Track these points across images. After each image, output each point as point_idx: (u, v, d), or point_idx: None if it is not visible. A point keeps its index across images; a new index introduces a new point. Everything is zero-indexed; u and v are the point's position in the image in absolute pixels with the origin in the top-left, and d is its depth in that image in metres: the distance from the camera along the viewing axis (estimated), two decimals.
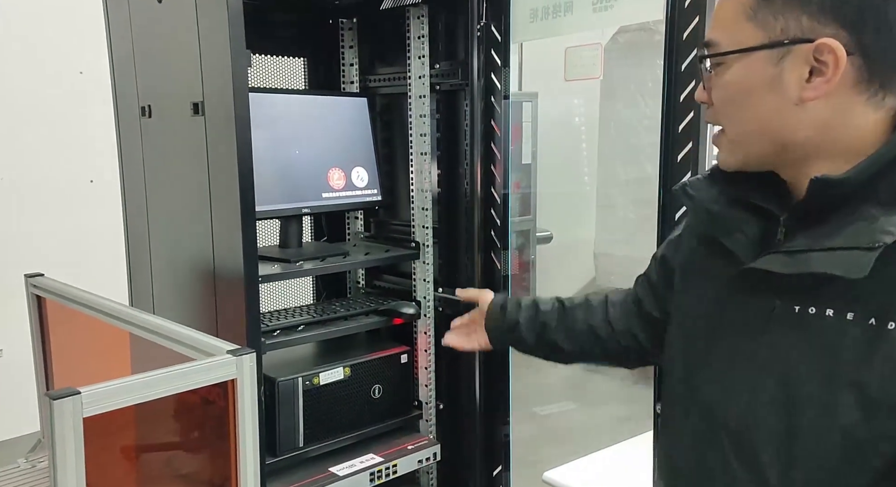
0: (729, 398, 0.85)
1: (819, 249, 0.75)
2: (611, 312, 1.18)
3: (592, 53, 1.48)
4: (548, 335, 1.23)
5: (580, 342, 1.20)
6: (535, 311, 1.25)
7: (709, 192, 0.90)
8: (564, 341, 1.22)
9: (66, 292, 1.59)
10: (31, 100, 3.12)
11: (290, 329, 1.75)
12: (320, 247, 1.98)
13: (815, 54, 0.74)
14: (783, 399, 0.79)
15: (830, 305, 0.76)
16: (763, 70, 0.77)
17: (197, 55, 1.53)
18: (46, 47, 3.13)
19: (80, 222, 3.17)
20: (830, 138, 0.77)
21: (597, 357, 1.23)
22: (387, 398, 1.89)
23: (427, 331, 1.95)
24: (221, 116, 1.49)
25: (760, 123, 0.79)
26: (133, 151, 1.84)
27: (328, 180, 1.90)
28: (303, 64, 2.10)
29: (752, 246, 0.83)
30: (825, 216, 0.77)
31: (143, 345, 1.35)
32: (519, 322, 1.26)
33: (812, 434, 0.77)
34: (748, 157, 0.83)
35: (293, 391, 1.72)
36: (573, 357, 1.26)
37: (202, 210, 1.60)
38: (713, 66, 0.82)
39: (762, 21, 0.76)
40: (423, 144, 1.89)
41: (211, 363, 1.10)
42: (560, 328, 1.22)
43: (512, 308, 1.28)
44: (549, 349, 1.25)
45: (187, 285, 1.73)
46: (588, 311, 1.20)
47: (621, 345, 1.16)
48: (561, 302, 1.24)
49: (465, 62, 1.79)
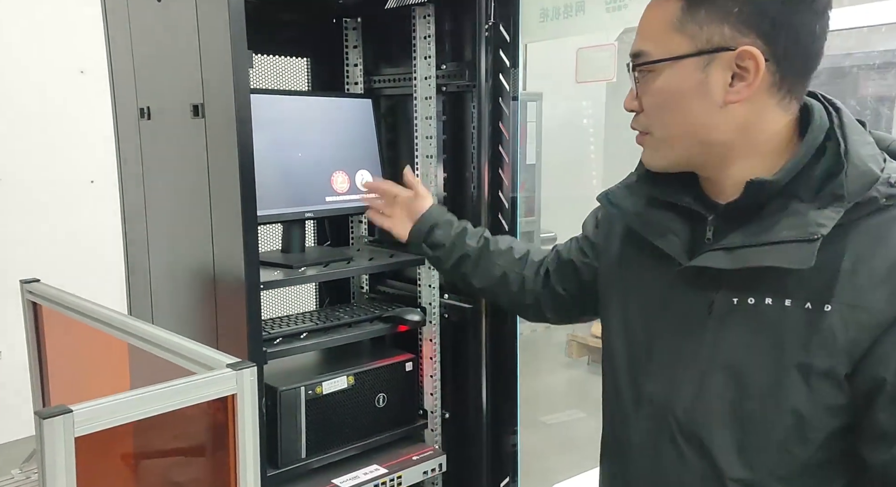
0: (676, 393, 0.90)
1: (757, 244, 0.82)
2: (527, 269, 1.29)
3: (606, 55, 1.43)
4: (463, 266, 1.35)
5: (491, 285, 1.33)
6: (462, 240, 1.36)
7: (632, 198, 0.98)
8: (476, 278, 1.34)
9: (62, 299, 1.55)
10: (31, 99, 3.09)
11: (292, 337, 1.70)
12: (324, 252, 1.93)
13: (737, 61, 0.82)
14: (732, 390, 0.84)
15: (768, 294, 0.82)
16: (691, 76, 0.84)
17: (197, 55, 1.49)
18: (47, 46, 3.10)
19: (80, 223, 3.15)
20: (748, 139, 0.85)
21: (502, 303, 1.38)
22: (391, 407, 1.84)
23: (433, 338, 1.90)
24: (222, 117, 1.45)
25: (688, 126, 0.87)
26: (132, 153, 1.80)
27: (332, 184, 1.85)
28: (305, 64, 2.06)
29: (683, 246, 0.90)
30: (753, 214, 0.85)
31: (142, 355, 1.31)
32: (443, 245, 1.38)
33: (763, 419, 0.82)
34: (675, 158, 0.90)
35: (295, 400, 1.67)
36: (480, 293, 1.46)
37: (202, 215, 1.55)
38: (643, 74, 0.88)
39: (689, 32, 0.83)
40: (428, 147, 1.84)
41: (209, 377, 1.06)
42: (478, 265, 1.34)
43: (443, 230, 1.39)
44: (460, 278, 1.38)
45: (187, 291, 1.68)
46: (508, 259, 1.33)
47: (526, 301, 1.29)
48: (486, 240, 1.36)
49: (473, 63, 1.74)
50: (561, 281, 1.23)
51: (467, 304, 1.85)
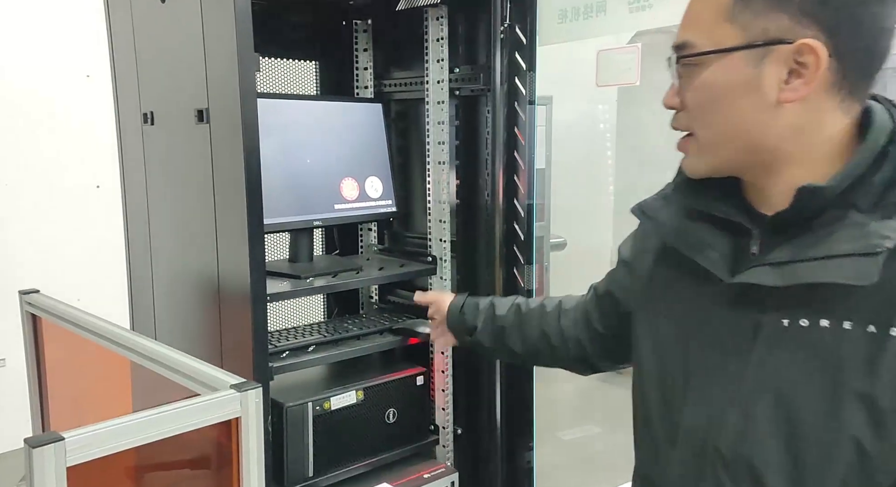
0: (719, 425, 0.81)
1: (810, 258, 0.74)
2: (562, 320, 1.20)
3: (628, 57, 1.36)
4: (504, 339, 1.28)
5: (534, 347, 1.24)
6: (491, 314, 1.30)
7: (668, 210, 0.89)
8: (519, 345, 1.26)
9: (62, 311, 1.49)
10: (37, 103, 3.05)
11: (299, 350, 1.64)
12: (332, 261, 1.87)
13: (795, 56, 0.74)
14: (782, 419, 0.76)
15: (824, 315, 0.74)
16: (742, 71, 0.76)
17: (202, 58, 1.43)
18: (53, 50, 3.06)
19: (85, 228, 3.11)
20: (802, 143, 0.77)
21: (550, 362, 1.26)
22: (402, 422, 1.78)
23: (445, 351, 1.84)
24: (227, 123, 1.39)
25: (735, 126, 0.79)
26: (134, 160, 1.75)
27: (341, 191, 1.79)
28: (314, 68, 2.00)
29: (725, 261, 0.82)
30: (803, 226, 0.77)
31: (144, 371, 1.25)
32: (476, 327, 1.32)
33: (819, 452, 0.74)
34: (718, 162, 0.82)
35: (302, 416, 1.61)
36: (528, 361, 1.37)
37: (207, 223, 1.50)
38: (687, 68, 0.80)
39: (742, 22, 0.76)
40: (440, 153, 1.78)
41: (212, 400, 0.99)
42: (515, 332, 1.26)
43: (470, 312, 1.34)
44: (505, 352, 1.31)
45: (190, 302, 1.62)
46: (542, 317, 1.23)
47: (571, 354, 1.19)
48: (518, 306, 1.28)
49: (487, 66, 1.68)
50: (600, 319, 1.12)
51: None
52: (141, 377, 1.38)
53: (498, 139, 1.68)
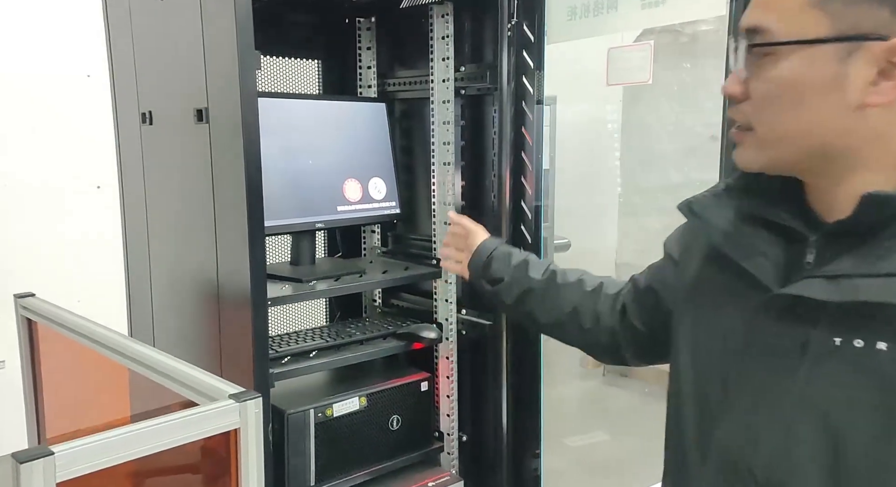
0: (755, 444, 0.75)
1: (873, 274, 0.67)
2: (600, 304, 1.12)
3: (641, 55, 1.32)
4: (528, 302, 1.20)
5: (560, 322, 1.16)
6: (523, 273, 1.21)
7: (718, 209, 0.82)
8: (543, 314, 1.18)
9: (58, 316, 1.45)
10: (36, 103, 3.01)
11: (300, 355, 1.60)
12: (335, 264, 1.83)
13: (888, 55, 0.66)
14: (826, 446, 0.70)
15: (882, 337, 0.67)
16: (824, 67, 0.68)
17: (201, 56, 1.39)
18: (52, 49, 3.02)
19: (86, 229, 3.07)
20: (881, 149, 0.70)
21: (571, 341, 1.18)
22: (405, 429, 1.74)
23: (449, 356, 1.80)
24: (227, 123, 1.36)
25: (807, 126, 0.71)
26: (133, 161, 1.71)
27: (343, 192, 1.75)
28: (316, 67, 1.96)
29: (776, 270, 0.76)
30: (867, 237, 0.70)
31: (142, 377, 1.22)
32: (502, 280, 1.23)
33: (866, 485, 0.68)
34: (779, 160, 0.75)
35: (304, 424, 1.57)
36: (546, 331, 1.24)
37: (206, 225, 1.46)
38: (757, 57, 0.72)
39: (831, 10, 0.67)
40: (446, 154, 1.74)
41: (209, 411, 0.95)
42: (543, 300, 1.18)
43: (499, 262, 1.25)
44: (522, 314, 1.23)
45: (189, 306, 1.59)
46: (578, 293, 1.15)
47: (601, 341, 1.12)
48: (553, 273, 1.19)
49: (494, 65, 1.64)
50: (639, 314, 1.05)
51: (487, 320, 1.75)
52: (139, 382, 1.34)
53: (505, 139, 1.64)
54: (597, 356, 1.17)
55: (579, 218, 4.49)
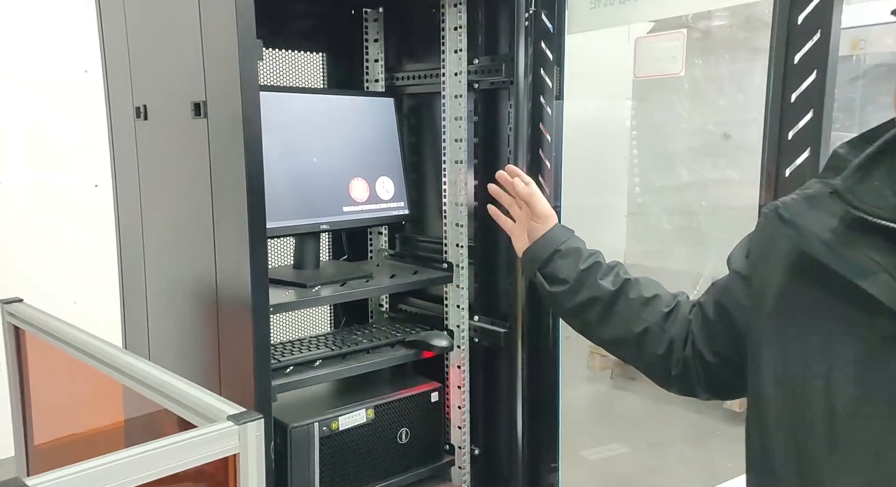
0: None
1: None
2: (676, 328, 0.99)
3: (672, 45, 1.23)
4: (591, 313, 1.06)
5: (625, 341, 1.03)
6: (592, 278, 1.06)
7: (814, 215, 0.71)
8: (607, 329, 1.05)
9: (46, 324, 1.36)
10: (32, 99, 2.93)
11: (304, 365, 1.51)
12: (340, 268, 1.74)
13: None
14: None
15: None
16: None
17: (198, 46, 1.30)
18: (49, 44, 2.94)
19: (84, 228, 2.99)
20: None
21: (635, 364, 1.05)
22: (415, 442, 1.65)
23: (461, 365, 1.70)
24: (227, 117, 1.27)
25: None
26: (127, 158, 1.62)
27: (350, 192, 1.66)
28: (321, 60, 1.87)
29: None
30: None
31: (136, 394, 1.12)
32: (567, 283, 1.08)
33: None
34: None
35: (308, 438, 1.48)
36: (604, 345, 1.09)
37: (204, 227, 1.37)
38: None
39: None
40: (458, 151, 1.65)
41: (206, 435, 0.86)
42: (610, 314, 1.04)
43: (567, 261, 1.09)
44: (581, 323, 1.09)
45: (186, 313, 1.49)
46: (653, 313, 1.01)
47: (671, 372, 0.99)
48: (625, 282, 1.05)
49: (510, 57, 1.55)
50: (709, 343, 0.93)
51: (501, 327, 1.66)
52: (133, 400, 1.25)
53: (521, 136, 1.54)
54: (663, 384, 1.03)
55: (585, 218, 4.40)
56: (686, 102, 3.77)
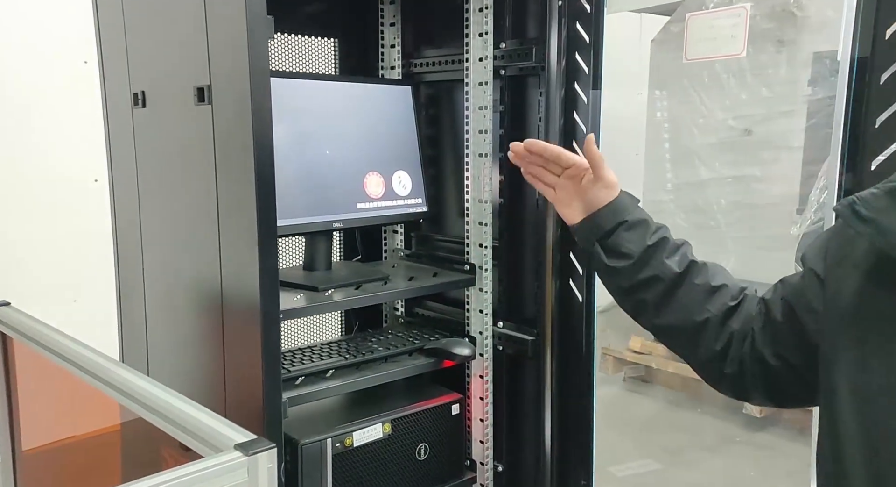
0: None
1: None
2: (738, 322, 0.90)
3: (732, 23, 1.10)
4: (650, 293, 0.96)
5: (681, 330, 0.94)
6: (657, 256, 0.96)
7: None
8: (665, 313, 0.96)
9: (36, 332, 1.24)
10: (29, 91, 2.83)
11: (315, 376, 1.38)
12: (354, 270, 1.61)
13: None
14: None
15: None
16: None
17: (202, 25, 1.18)
18: (47, 34, 2.83)
19: (83, 224, 2.88)
20: None
21: (686, 355, 0.97)
22: (434, 459, 1.52)
23: (484, 375, 1.58)
24: (234, 103, 1.15)
25: None
26: (124, 149, 1.49)
27: (364, 188, 1.53)
28: (332, 46, 1.74)
29: None
30: None
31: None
32: (630, 257, 0.98)
33: None
34: None
35: (320, 455, 1.36)
36: (656, 330, 1.00)
37: (208, 225, 1.25)
38: None
39: None
40: (482, 144, 1.52)
41: (210, 469, 0.74)
42: (672, 297, 0.95)
43: (634, 234, 0.99)
44: (636, 302, 0.99)
45: (188, 319, 1.37)
46: (719, 303, 0.92)
47: (725, 370, 0.91)
48: (691, 264, 0.96)
49: (541, 40, 1.42)
50: (772, 344, 0.85)
51: (528, 334, 1.53)
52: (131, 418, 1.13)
53: (553, 127, 1.42)
54: (714, 382, 0.95)
55: None
56: (706, 97, 3.64)
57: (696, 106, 3.69)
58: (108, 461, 1.62)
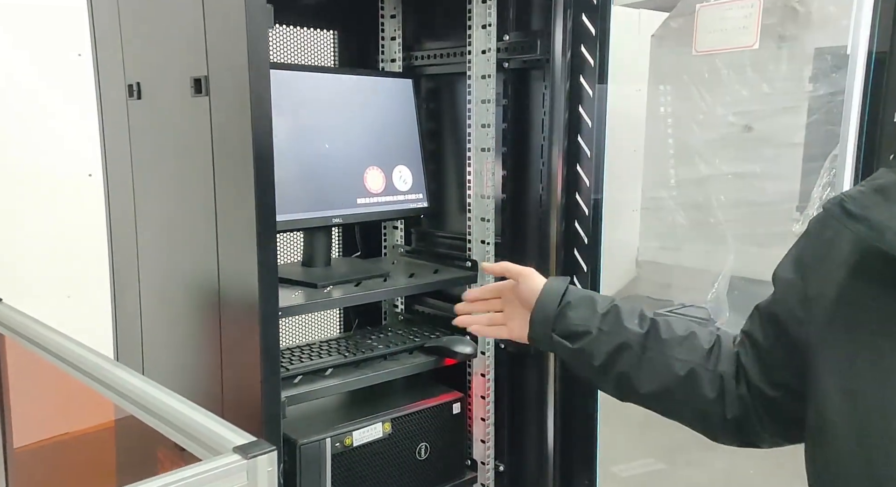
0: None
1: None
2: (724, 365, 0.86)
3: (745, 13, 1.07)
4: (623, 363, 0.91)
5: (669, 390, 0.88)
6: (615, 323, 0.93)
7: (887, 208, 0.65)
8: (646, 379, 0.90)
9: (28, 330, 1.21)
10: (21, 85, 2.78)
11: (314, 374, 1.36)
12: (353, 266, 1.58)
13: None
14: None
15: None
16: None
17: (199, 13, 1.14)
18: (38, 26, 2.78)
19: (77, 220, 2.85)
20: None
21: (684, 416, 0.91)
22: (434, 458, 1.50)
23: (486, 373, 1.55)
24: (232, 95, 1.12)
25: None
26: (118, 142, 1.46)
27: (364, 182, 1.50)
28: (332, 38, 1.71)
29: None
30: None
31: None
32: (589, 333, 0.94)
33: None
34: None
35: (319, 455, 1.33)
36: (648, 402, 0.93)
37: (205, 219, 1.22)
38: None
39: None
40: (484, 138, 1.49)
41: (208, 473, 0.71)
42: (645, 361, 0.90)
43: (580, 309, 0.96)
44: (616, 380, 0.93)
45: (184, 316, 1.34)
46: (695, 352, 0.88)
47: (727, 414, 0.85)
48: (654, 324, 0.92)
49: (546, 32, 1.39)
50: (766, 374, 0.81)
51: None
52: (125, 417, 1.10)
53: (557, 121, 1.39)
54: (718, 433, 0.89)
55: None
56: (705, 93, 3.62)
57: (696, 102, 3.67)
58: (103, 458, 1.60)
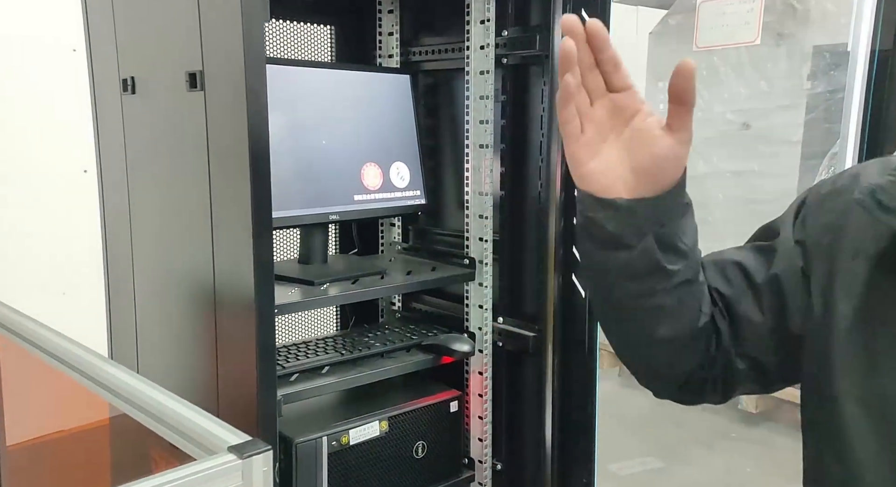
0: None
1: None
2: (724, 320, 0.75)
3: (747, 8, 1.06)
4: (671, 296, 0.70)
5: (681, 338, 0.72)
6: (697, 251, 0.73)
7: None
8: (667, 323, 0.71)
9: (21, 327, 1.20)
10: (14, 80, 2.75)
11: (311, 372, 1.35)
12: (350, 263, 1.57)
13: None
14: None
15: None
16: None
17: (194, 6, 1.13)
18: (32, 20, 2.76)
19: (72, 216, 2.83)
20: None
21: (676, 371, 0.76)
22: (432, 457, 1.49)
23: (483, 371, 1.54)
24: (228, 89, 1.10)
25: None
26: (112, 137, 1.44)
27: (361, 179, 1.49)
28: (329, 33, 1.70)
29: None
30: None
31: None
32: (686, 257, 0.70)
33: None
34: None
35: (315, 454, 1.32)
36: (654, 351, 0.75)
37: (200, 216, 1.21)
38: None
39: None
40: (482, 134, 1.48)
41: (202, 473, 0.70)
42: (686, 298, 0.71)
43: (692, 221, 0.71)
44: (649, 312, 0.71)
45: (179, 316, 1.33)
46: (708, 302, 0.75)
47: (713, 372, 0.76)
48: None
49: (545, 27, 1.38)
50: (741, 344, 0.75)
51: (530, 331, 1.50)
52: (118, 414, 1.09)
53: (556, 118, 1.37)
54: (692, 396, 0.79)
55: None
56: (703, 90, 3.61)
57: (701, 93, 3.66)
58: (97, 456, 1.58)
